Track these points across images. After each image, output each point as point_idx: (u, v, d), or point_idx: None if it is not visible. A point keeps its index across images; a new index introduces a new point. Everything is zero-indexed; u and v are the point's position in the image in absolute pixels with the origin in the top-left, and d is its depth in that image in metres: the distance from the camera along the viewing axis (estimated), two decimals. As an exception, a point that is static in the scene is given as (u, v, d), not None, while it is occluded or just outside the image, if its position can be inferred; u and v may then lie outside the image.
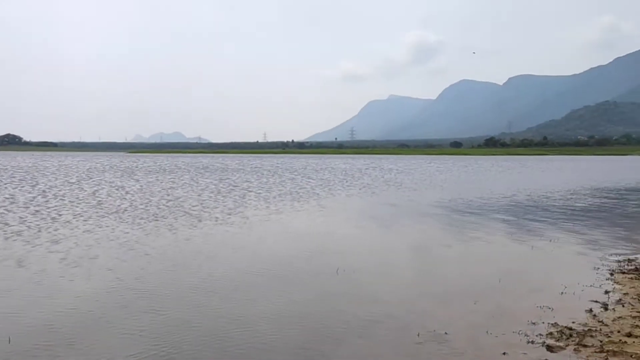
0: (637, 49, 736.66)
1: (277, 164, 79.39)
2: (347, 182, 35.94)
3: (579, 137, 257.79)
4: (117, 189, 27.71)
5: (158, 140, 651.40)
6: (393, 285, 8.60)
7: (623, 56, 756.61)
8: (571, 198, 24.47)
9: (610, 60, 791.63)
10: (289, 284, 8.69)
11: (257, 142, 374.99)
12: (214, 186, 30.57)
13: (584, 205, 21.58)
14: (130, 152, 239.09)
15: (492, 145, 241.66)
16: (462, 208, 20.28)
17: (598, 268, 9.49)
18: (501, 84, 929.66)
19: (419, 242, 13.20)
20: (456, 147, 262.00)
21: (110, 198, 22.83)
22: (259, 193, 26.44)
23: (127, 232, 13.65)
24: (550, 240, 12.67)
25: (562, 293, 7.80)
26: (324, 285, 8.58)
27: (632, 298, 7.40)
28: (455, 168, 56.27)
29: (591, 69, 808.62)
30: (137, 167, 61.80)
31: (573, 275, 8.91)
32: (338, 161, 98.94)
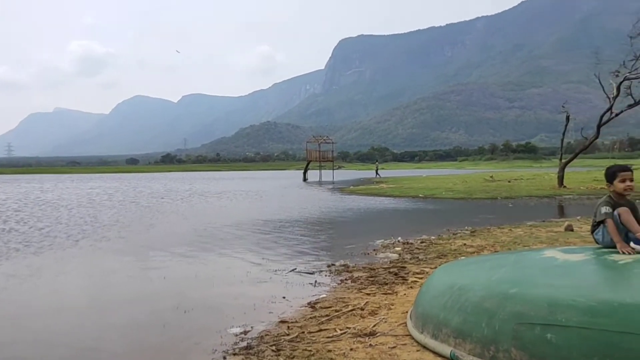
0: (290, 77, 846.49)
1: None
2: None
3: (247, 153, 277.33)
4: None
5: None
6: None
7: (279, 82, 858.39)
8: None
9: (270, 85, 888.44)
10: None
11: None
12: None
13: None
14: None
15: (169, 161, 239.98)
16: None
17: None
18: (175, 101, 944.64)
19: None
20: (133, 163, 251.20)
21: None
22: None
23: None
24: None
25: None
26: None
27: None
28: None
29: (255, 91, 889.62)
30: None
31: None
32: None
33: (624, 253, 3.11)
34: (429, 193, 21.89)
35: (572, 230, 8.71)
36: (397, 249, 7.68)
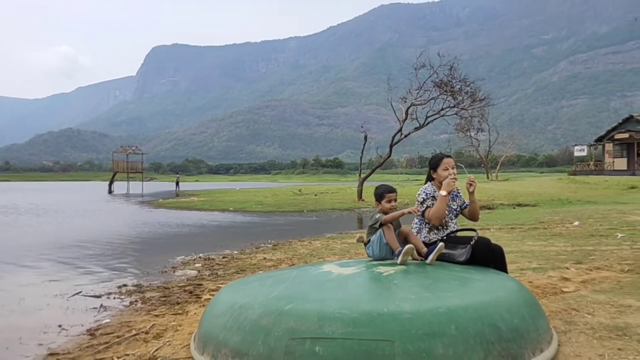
0: (96, 82, 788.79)
1: None
2: None
3: (44, 162, 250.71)
4: None
5: None
6: None
7: (84, 86, 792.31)
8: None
9: (73, 88, 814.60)
10: None
11: None
12: None
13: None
14: None
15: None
16: None
17: None
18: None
19: None
20: None
21: None
22: None
23: None
24: None
25: None
26: None
27: None
28: None
29: (54, 95, 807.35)
30: None
31: None
32: None
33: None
34: (240, 206, 22.05)
35: (362, 241, 9.42)
36: (197, 265, 7.52)
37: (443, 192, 3.76)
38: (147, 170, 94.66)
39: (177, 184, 44.43)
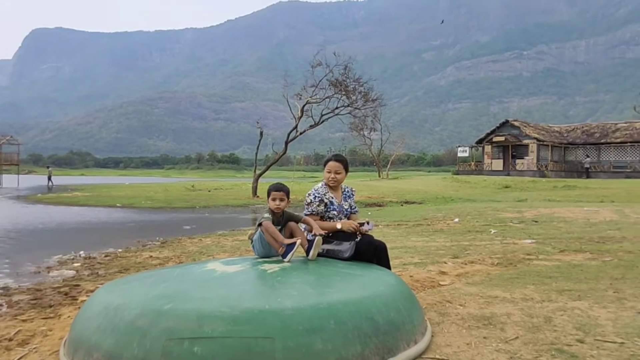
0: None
1: None
2: None
3: None
4: None
5: None
6: None
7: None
8: None
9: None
10: None
11: None
12: None
13: None
14: None
15: None
16: None
17: None
18: None
19: None
20: None
21: None
22: None
23: None
24: None
25: None
26: None
27: None
28: None
29: None
30: None
31: None
32: None
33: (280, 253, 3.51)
34: (128, 202, 21.10)
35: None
36: (75, 264, 7.06)
37: (338, 226, 3.83)
38: (25, 163, 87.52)
39: (50, 177, 40.46)
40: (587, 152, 45.69)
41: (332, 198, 4.01)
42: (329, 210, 3.98)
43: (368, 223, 3.87)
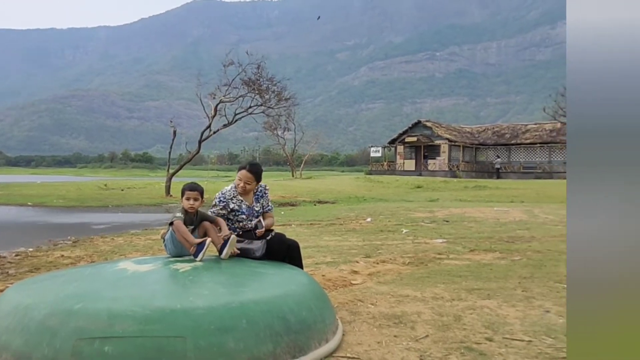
0: None
1: None
2: None
3: None
4: None
5: None
6: None
7: None
8: None
9: None
10: None
11: None
12: None
13: None
14: None
15: None
16: None
17: None
18: None
19: None
20: None
21: None
22: None
23: None
24: None
25: None
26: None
27: None
28: None
29: None
30: None
31: None
32: None
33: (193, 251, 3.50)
34: (39, 201, 20.07)
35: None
36: (-19, 265, 6.60)
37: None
38: None
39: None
40: (498, 153, 45.87)
41: (241, 202, 3.94)
42: (236, 214, 3.93)
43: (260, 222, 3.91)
